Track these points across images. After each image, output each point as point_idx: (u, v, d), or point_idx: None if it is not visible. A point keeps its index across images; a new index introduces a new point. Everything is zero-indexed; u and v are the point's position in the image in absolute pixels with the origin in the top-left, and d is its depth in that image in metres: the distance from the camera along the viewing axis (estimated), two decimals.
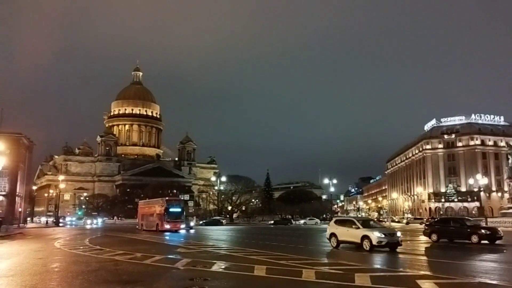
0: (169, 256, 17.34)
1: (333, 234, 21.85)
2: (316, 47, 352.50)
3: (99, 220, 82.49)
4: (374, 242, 19.24)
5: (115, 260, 15.73)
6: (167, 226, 41.51)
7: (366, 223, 21.83)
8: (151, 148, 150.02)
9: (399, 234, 20.70)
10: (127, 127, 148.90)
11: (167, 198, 49.99)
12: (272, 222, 78.72)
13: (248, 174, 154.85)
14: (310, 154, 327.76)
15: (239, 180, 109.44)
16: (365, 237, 19.77)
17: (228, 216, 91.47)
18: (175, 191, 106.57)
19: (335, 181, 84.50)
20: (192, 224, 53.03)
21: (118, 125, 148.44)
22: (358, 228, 20.55)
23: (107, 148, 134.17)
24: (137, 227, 50.20)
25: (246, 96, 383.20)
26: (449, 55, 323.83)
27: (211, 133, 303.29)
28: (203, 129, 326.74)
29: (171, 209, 43.04)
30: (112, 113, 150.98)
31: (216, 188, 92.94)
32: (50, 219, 77.75)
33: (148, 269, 13.56)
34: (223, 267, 13.78)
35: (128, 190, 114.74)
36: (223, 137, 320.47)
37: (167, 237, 33.09)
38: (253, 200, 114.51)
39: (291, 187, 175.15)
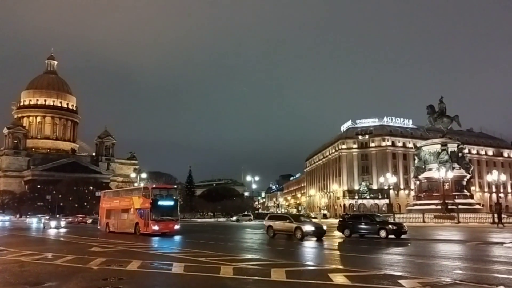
0: (81, 256, 16.54)
1: (270, 227, 27.60)
2: (240, 47, 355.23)
3: (6, 218, 76.87)
4: (305, 230, 24.77)
5: (21, 262, 14.68)
6: (155, 228, 29.29)
7: (297, 218, 29.10)
8: (65, 142, 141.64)
9: (325, 227, 26.45)
10: (39, 119, 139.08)
11: (154, 185, 35.47)
12: (235, 219, 78.00)
13: (171, 171, 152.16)
14: (234, 152, 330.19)
15: (160, 177, 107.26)
16: (297, 228, 25.08)
17: None
18: (91, 187, 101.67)
19: (257, 178, 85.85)
20: (63, 223, 50.80)
21: (28, 116, 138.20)
22: (291, 222, 26.24)
23: (15, 141, 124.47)
24: (98, 227, 38.39)
25: (172, 94, 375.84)
26: (366, 61, 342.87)
27: (134, 129, 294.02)
28: (126, 125, 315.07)
29: (161, 202, 30.39)
30: (22, 104, 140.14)
31: (135, 185, 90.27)
32: None
33: (58, 269, 12.83)
34: (140, 265, 13.44)
35: (39, 186, 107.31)
36: (146, 134, 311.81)
37: (160, 246, 21.91)
38: None
39: (214, 184, 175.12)
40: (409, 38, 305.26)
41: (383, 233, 25.51)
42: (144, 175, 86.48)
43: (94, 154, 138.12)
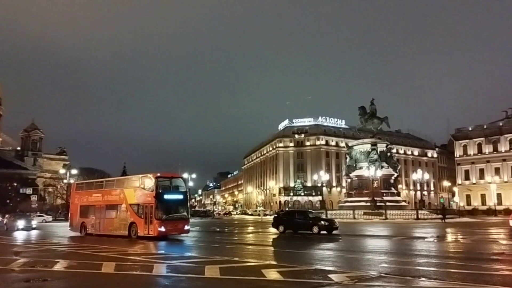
0: (2, 257, 15.46)
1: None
2: (186, 43, 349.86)
3: None
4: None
5: None
6: (162, 229, 22.88)
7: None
8: None
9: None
10: None
11: (158, 174, 25.15)
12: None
13: (105, 167, 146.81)
14: (171, 148, 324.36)
15: (92, 173, 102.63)
16: None
17: None
18: (15, 184, 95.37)
19: (194, 175, 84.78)
20: (34, 222, 39.87)
21: None
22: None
23: None
24: (69, 228, 30.58)
25: (114, 90, 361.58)
26: (303, 63, 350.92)
27: (72, 124, 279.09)
28: (64, 119, 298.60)
29: (169, 196, 24.27)
30: None
31: (65, 181, 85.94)
32: None
33: None
34: (67, 265, 12.82)
35: None
36: (84, 129, 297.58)
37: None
38: None
39: None
40: (342, 42, 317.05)
41: (315, 229, 26.30)
42: (74, 171, 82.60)
43: (19, 148, 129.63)
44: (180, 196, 25.05)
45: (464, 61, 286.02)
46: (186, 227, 24.56)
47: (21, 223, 37.86)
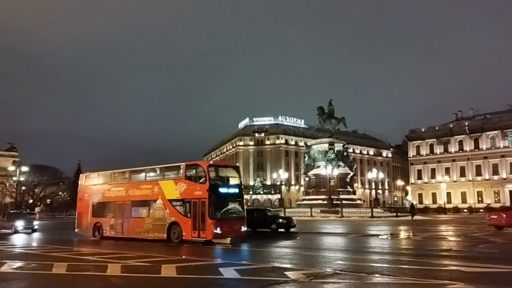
0: None
1: None
2: (140, 40, 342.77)
3: None
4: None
5: None
6: (218, 231, 18.74)
7: None
8: None
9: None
10: None
11: (211, 162, 22.43)
12: None
13: (58, 164, 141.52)
14: (129, 148, 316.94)
15: (44, 170, 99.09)
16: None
17: (28, 210, 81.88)
18: None
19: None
20: (36, 223, 32.02)
21: None
22: None
23: None
24: (76, 230, 25.50)
25: (66, 83, 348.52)
26: (264, 62, 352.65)
27: (19, 119, 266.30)
28: (8, 115, 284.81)
29: (225, 189, 20.18)
30: None
31: (15, 179, 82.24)
32: None
33: None
34: (15, 266, 12.28)
35: None
36: (34, 125, 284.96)
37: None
38: (60, 193, 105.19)
39: None
40: (302, 42, 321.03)
41: (273, 227, 26.54)
42: (25, 169, 79.14)
43: None
44: (236, 190, 20.85)
45: (419, 64, 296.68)
46: (243, 228, 20.47)
47: (20, 224, 30.12)
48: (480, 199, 79.49)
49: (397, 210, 58.08)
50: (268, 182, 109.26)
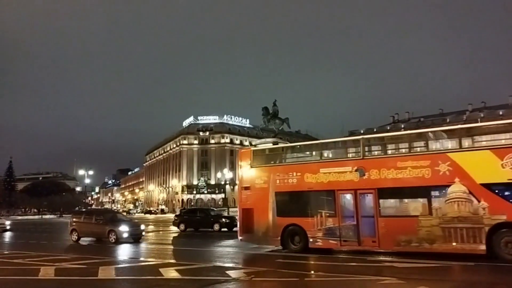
0: None
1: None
2: (79, 34, 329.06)
3: None
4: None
5: None
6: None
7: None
8: None
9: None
10: None
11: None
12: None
13: None
14: (67, 143, 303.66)
15: None
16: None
17: None
18: None
19: (91, 172, 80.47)
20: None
21: None
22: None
23: None
24: (240, 239, 17.01)
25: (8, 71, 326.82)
26: (210, 61, 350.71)
27: None
28: None
29: None
30: None
31: None
32: None
33: None
34: None
35: None
36: None
37: None
38: None
39: (40, 178, 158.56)
40: (248, 43, 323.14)
41: (216, 227, 26.58)
42: None
43: None
44: None
45: (360, 68, 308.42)
46: None
47: None
48: None
49: None
50: (213, 182, 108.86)
